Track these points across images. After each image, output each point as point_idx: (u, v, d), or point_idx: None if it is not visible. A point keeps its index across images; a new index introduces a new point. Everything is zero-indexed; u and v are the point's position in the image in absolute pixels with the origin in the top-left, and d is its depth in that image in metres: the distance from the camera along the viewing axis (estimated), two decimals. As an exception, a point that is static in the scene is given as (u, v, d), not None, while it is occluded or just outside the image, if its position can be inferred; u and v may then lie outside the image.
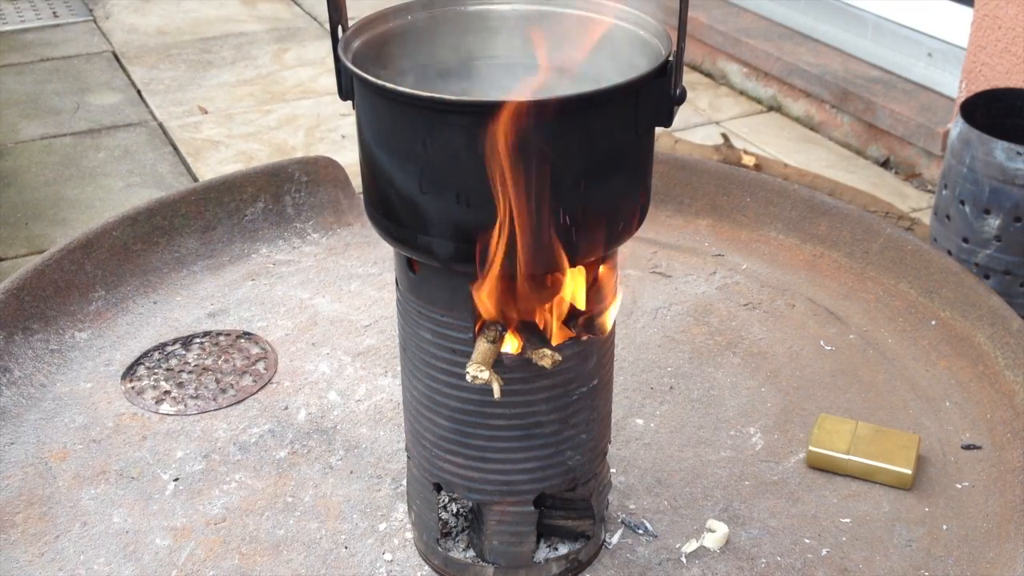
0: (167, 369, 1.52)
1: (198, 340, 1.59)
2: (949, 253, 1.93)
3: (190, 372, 1.52)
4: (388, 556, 1.23)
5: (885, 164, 2.74)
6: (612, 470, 1.35)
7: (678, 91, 0.97)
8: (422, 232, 0.97)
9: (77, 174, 2.81)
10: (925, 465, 1.36)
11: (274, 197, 1.85)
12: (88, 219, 2.63)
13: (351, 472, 1.36)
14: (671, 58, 0.96)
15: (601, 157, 0.95)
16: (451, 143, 0.92)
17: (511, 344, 1.02)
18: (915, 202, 2.58)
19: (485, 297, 1.00)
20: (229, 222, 1.81)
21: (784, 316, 1.67)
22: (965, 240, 1.91)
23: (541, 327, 1.02)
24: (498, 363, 1.02)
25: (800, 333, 1.63)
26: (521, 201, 0.93)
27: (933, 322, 1.60)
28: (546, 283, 1.00)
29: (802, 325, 1.65)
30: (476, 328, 1.03)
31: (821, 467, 1.36)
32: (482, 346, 1.00)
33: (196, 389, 1.48)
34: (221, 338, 1.59)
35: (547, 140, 0.92)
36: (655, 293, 1.72)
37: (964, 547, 1.24)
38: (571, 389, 1.08)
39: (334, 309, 1.68)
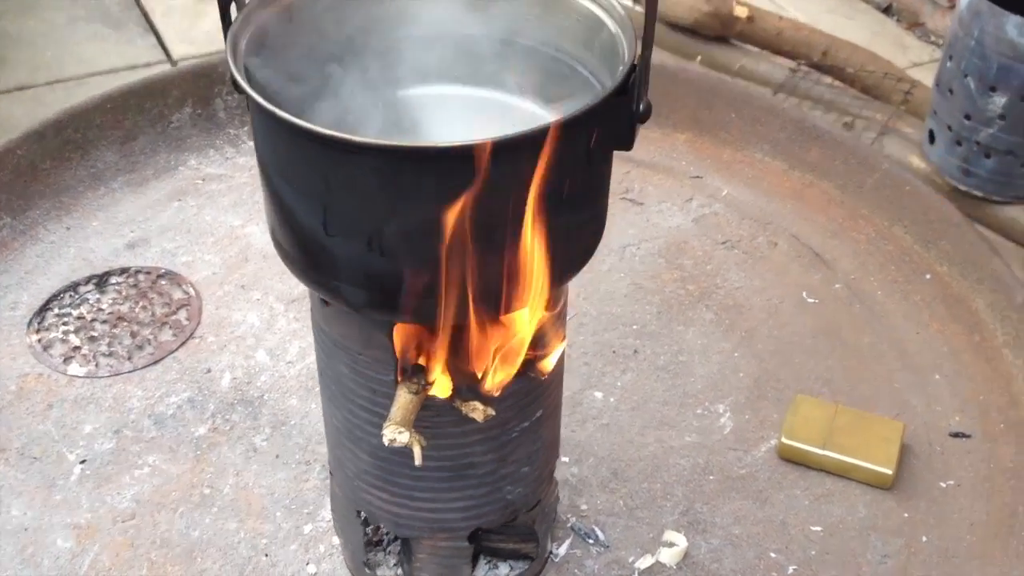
0: (78, 317, 1.37)
1: (115, 279, 1.43)
2: (949, 129, 1.80)
3: (103, 322, 1.37)
4: (312, 568, 1.12)
5: (887, 10, 2.52)
6: (564, 459, 1.22)
7: (642, 106, 0.79)
8: (331, 277, 0.81)
9: (16, 6, 2.56)
10: (908, 455, 1.24)
11: (203, 100, 1.65)
12: (30, 58, 2.40)
13: (276, 456, 1.23)
14: (635, 67, 0.78)
15: (545, 193, 0.78)
16: (360, 185, 0.75)
17: (440, 388, 0.87)
18: (916, 55, 2.37)
19: (407, 341, 0.85)
20: (152, 131, 1.62)
21: (765, 258, 1.52)
22: (967, 117, 1.77)
23: (474, 373, 0.87)
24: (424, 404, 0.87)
25: (781, 280, 1.49)
26: (451, 250, 0.77)
27: (928, 276, 1.46)
28: (484, 330, 0.85)
29: (784, 270, 1.50)
30: (397, 371, 0.88)
31: (794, 460, 1.24)
32: (403, 398, 0.85)
33: (109, 344, 1.33)
34: (141, 276, 1.44)
35: (480, 184, 0.74)
36: (624, 226, 1.55)
37: (944, 566, 1.13)
38: (509, 428, 0.94)
39: (268, 241, 1.51)
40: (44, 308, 1.39)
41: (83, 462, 1.22)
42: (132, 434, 1.25)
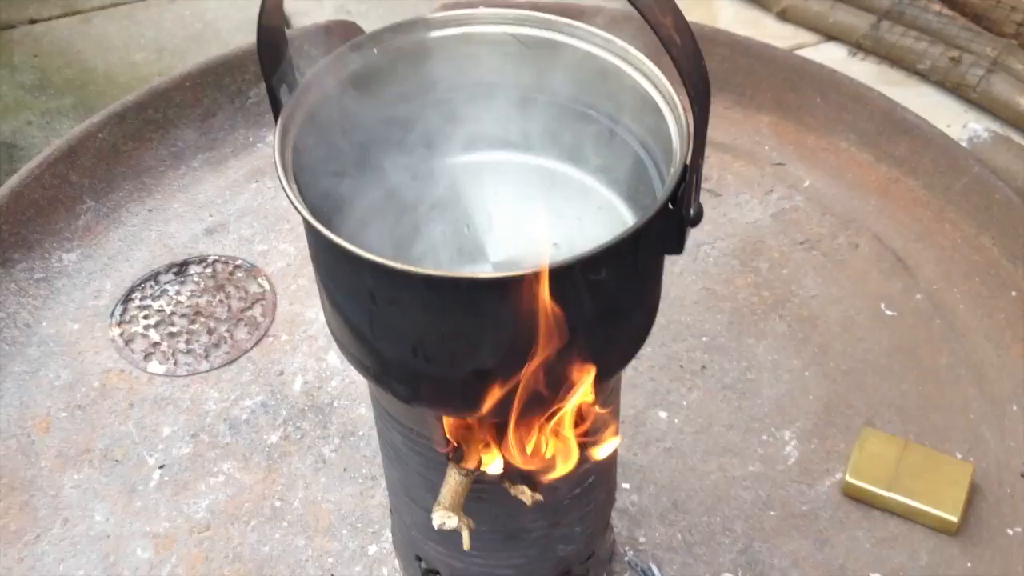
0: (158, 310, 1.41)
1: (194, 268, 1.46)
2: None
3: (182, 315, 1.40)
4: (375, 592, 1.16)
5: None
6: (625, 485, 1.24)
7: (693, 211, 0.77)
8: (379, 371, 0.82)
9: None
10: (976, 496, 1.23)
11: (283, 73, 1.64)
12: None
13: (344, 469, 1.26)
14: (686, 171, 0.76)
15: (589, 307, 0.77)
16: (403, 302, 0.75)
17: (492, 464, 0.89)
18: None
19: (457, 426, 0.86)
20: (231, 107, 1.63)
21: (845, 262, 1.49)
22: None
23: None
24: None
25: (860, 289, 1.45)
26: (496, 359, 0.77)
27: (1013, 293, 1.41)
28: (531, 427, 0.85)
29: (863, 276, 1.47)
30: (449, 449, 0.89)
31: (858, 498, 1.24)
32: (453, 479, 0.87)
33: (187, 342, 1.37)
34: (218, 267, 1.46)
35: (521, 306, 0.73)
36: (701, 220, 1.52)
37: (1000, 622, 1.13)
38: (560, 497, 0.96)
39: (342, 232, 1.52)
40: (126, 298, 1.43)
41: (162, 467, 1.27)
42: (208, 439, 1.29)
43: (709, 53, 1.59)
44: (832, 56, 3.10)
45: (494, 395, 0.78)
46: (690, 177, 0.75)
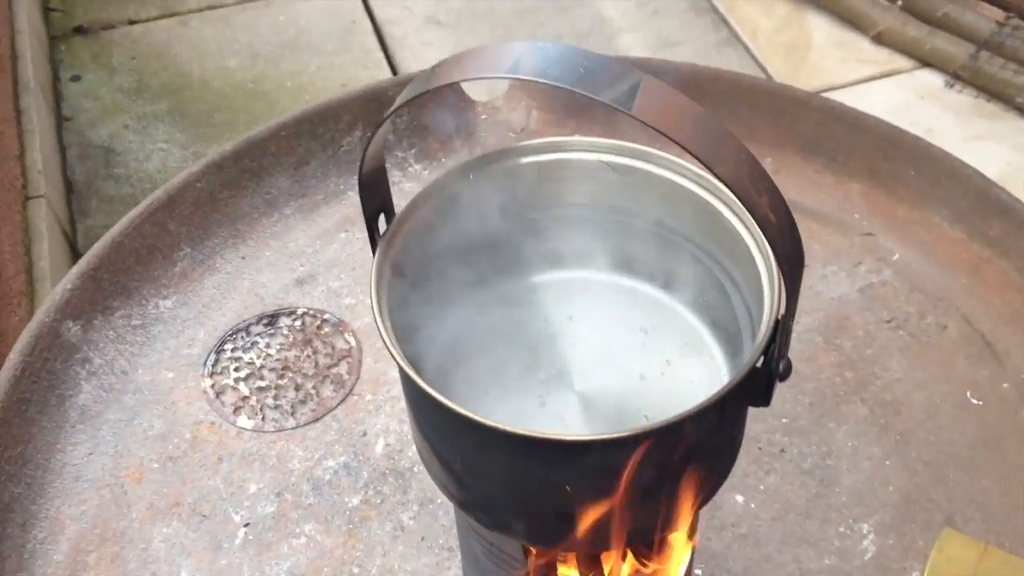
0: (248, 363, 1.45)
1: (283, 321, 1.49)
2: None
3: (271, 369, 1.44)
4: (447, 669, 1.19)
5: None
6: (698, 572, 1.25)
7: (783, 366, 0.78)
8: (464, 499, 0.84)
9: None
10: (1052, 605, 1.21)
11: (373, 124, 1.67)
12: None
13: (422, 539, 1.29)
14: (777, 327, 0.76)
15: (671, 459, 0.79)
16: (488, 452, 0.77)
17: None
18: None
19: (541, 554, 0.88)
20: (323, 155, 1.66)
21: (932, 344, 1.47)
22: None
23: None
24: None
25: (946, 374, 1.44)
26: (577, 509, 0.79)
27: (1105, 389, 1.38)
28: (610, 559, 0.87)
29: (950, 361, 1.45)
30: (530, 570, 0.91)
31: (931, 600, 1.23)
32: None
33: (275, 397, 1.41)
34: (307, 320, 1.50)
35: (605, 468, 0.75)
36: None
37: None
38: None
39: (429, 290, 1.55)
40: (218, 349, 1.47)
41: (247, 525, 1.31)
42: (292, 498, 1.33)
43: (801, 117, 1.59)
44: (928, 84, 3.05)
45: (577, 534, 0.80)
46: (780, 333, 0.76)
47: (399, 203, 0.88)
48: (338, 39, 3.32)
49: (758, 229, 0.80)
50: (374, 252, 0.82)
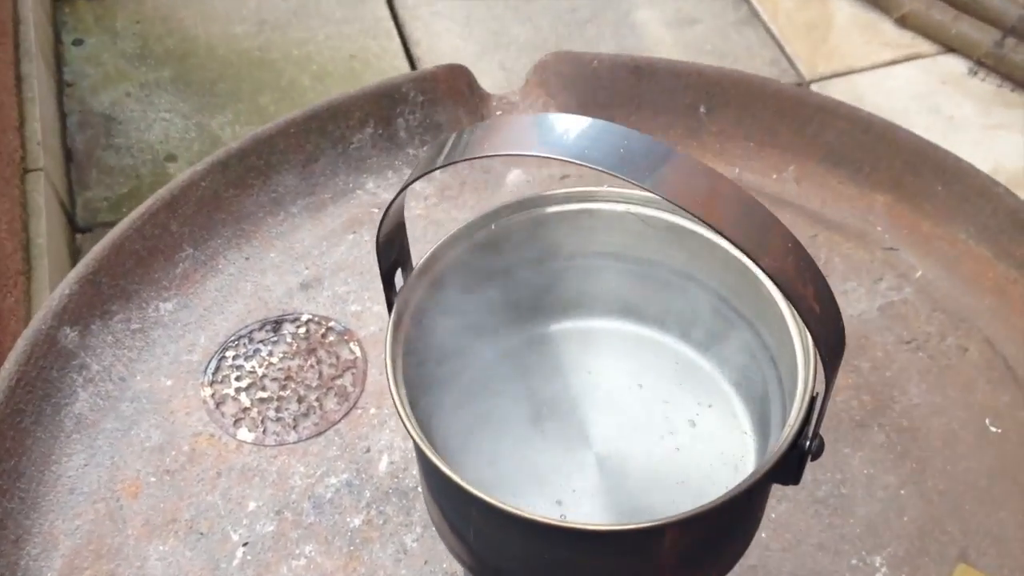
0: (250, 371, 1.41)
1: (287, 328, 1.45)
2: None
3: (273, 379, 1.41)
4: None
5: None
6: (708, 606, 1.22)
7: (815, 445, 0.74)
8: (477, 568, 0.81)
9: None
10: (1069, 650, 1.19)
11: (384, 121, 1.62)
12: None
13: (425, 562, 1.26)
14: (812, 405, 0.73)
15: (695, 537, 0.75)
16: (506, 531, 0.73)
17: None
18: None
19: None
20: (333, 152, 1.61)
21: (952, 368, 1.43)
22: None
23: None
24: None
25: (965, 400, 1.40)
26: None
27: None
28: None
29: (970, 386, 1.42)
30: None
31: (946, 641, 1.20)
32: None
33: (277, 410, 1.37)
34: (312, 327, 1.46)
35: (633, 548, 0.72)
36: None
37: None
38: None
39: (436, 298, 1.51)
40: (219, 355, 1.43)
41: (245, 544, 1.28)
42: (292, 517, 1.30)
43: (827, 125, 1.54)
44: (950, 70, 2.99)
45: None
46: (815, 412, 0.72)
47: (410, 204, 0.83)
48: (348, 6, 3.25)
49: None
50: (389, 310, 0.77)
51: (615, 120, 1.59)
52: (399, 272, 0.80)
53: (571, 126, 0.59)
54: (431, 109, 1.63)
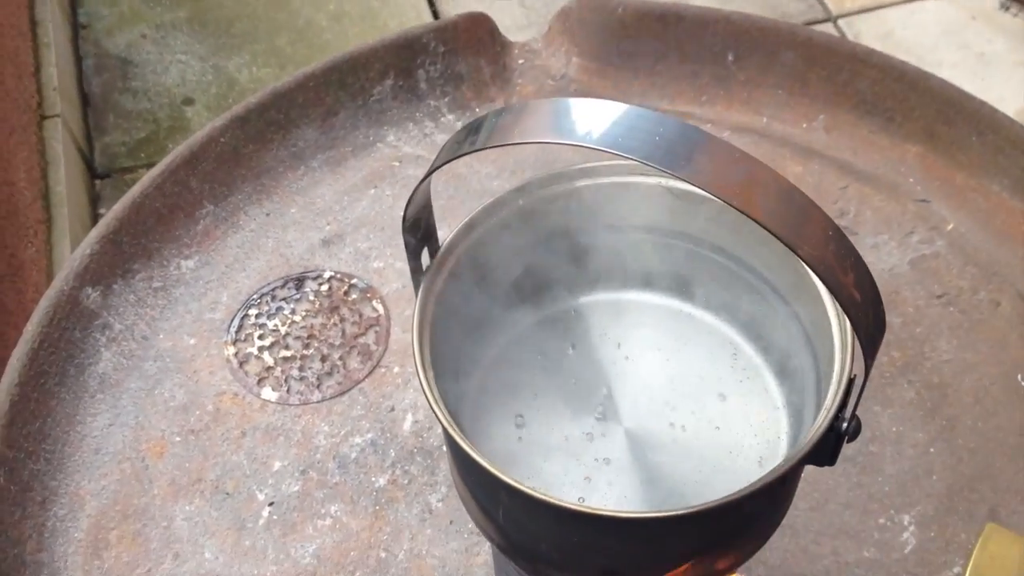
0: (273, 330, 1.40)
1: (309, 285, 1.44)
2: None
3: (296, 337, 1.40)
4: (476, 664, 1.17)
5: None
6: (734, 566, 1.21)
7: (852, 426, 0.73)
8: (507, 548, 0.80)
9: None
10: (1100, 610, 1.18)
11: (405, 72, 1.59)
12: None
13: (451, 522, 1.26)
14: (850, 386, 0.71)
15: (727, 521, 0.74)
16: (532, 514, 0.73)
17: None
18: None
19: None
20: (353, 105, 1.58)
21: (984, 322, 1.41)
22: None
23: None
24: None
25: (997, 356, 1.38)
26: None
27: None
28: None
29: (1002, 341, 1.40)
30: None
31: (975, 601, 1.20)
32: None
33: (300, 369, 1.37)
34: (334, 284, 1.45)
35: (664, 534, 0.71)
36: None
37: None
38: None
39: (460, 253, 1.49)
40: (242, 313, 1.42)
41: (271, 504, 1.28)
42: (317, 477, 1.30)
43: (859, 74, 1.51)
44: (981, 4, 2.92)
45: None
46: (852, 393, 0.70)
47: (431, 156, 0.80)
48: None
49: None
50: (416, 291, 0.76)
51: (640, 70, 1.56)
52: (425, 250, 0.79)
53: (603, 112, 0.57)
54: (452, 59, 1.60)
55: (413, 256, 0.75)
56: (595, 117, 0.57)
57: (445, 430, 0.70)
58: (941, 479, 1.28)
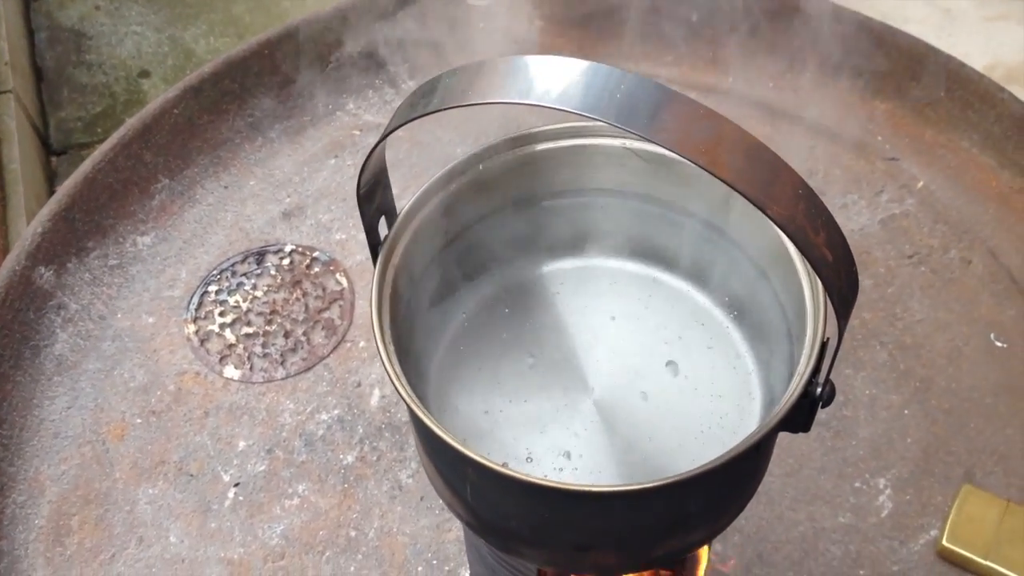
0: (234, 306, 1.37)
1: (270, 260, 1.41)
2: None
3: (258, 313, 1.36)
4: (450, 640, 1.15)
5: None
6: (710, 534, 1.20)
7: (826, 391, 0.71)
8: (473, 522, 0.78)
9: None
10: (1076, 567, 1.18)
11: (363, 38, 1.55)
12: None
13: (421, 499, 1.24)
14: (824, 348, 0.69)
15: (700, 492, 0.72)
16: (505, 493, 0.70)
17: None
18: None
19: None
20: (309, 73, 1.54)
21: (955, 281, 1.40)
22: None
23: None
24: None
25: (969, 314, 1.37)
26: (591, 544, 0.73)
27: None
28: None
29: (974, 300, 1.38)
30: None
31: (953, 562, 1.19)
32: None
33: (263, 345, 1.33)
34: (296, 257, 1.41)
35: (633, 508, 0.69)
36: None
37: None
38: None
39: (424, 223, 1.46)
40: (202, 289, 1.38)
41: (236, 485, 1.25)
42: (284, 455, 1.27)
43: (827, 31, 1.48)
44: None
45: (596, 561, 0.74)
46: (826, 357, 0.68)
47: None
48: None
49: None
50: (375, 263, 0.73)
51: (604, 31, 1.52)
52: (383, 220, 0.76)
53: (561, 70, 0.54)
54: (410, 24, 1.56)
55: (369, 227, 0.72)
56: (552, 75, 0.54)
57: (409, 407, 0.67)
58: (916, 442, 1.27)
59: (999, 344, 1.34)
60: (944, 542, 1.18)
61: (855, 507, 1.22)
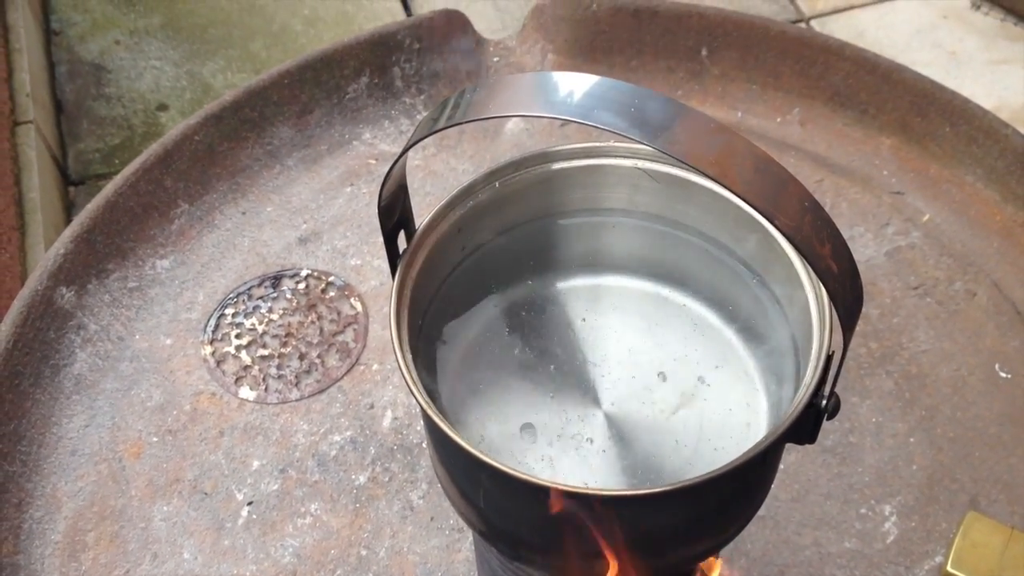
0: (250, 329, 1.39)
1: (287, 284, 1.43)
2: None
3: (273, 336, 1.39)
4: (459, 658, 1.16)
5: None
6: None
7: (831, 403, 0.73)
8: (487, 533, 0.80)
9: None
10: (1080, 595, 1.19)
11: (380, 70, 1.59)
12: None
13: (432, 519, 1.25)
14: (828, 364, 0.71)
15: (708, 501, 0.74)
16: (517, 497, 0.72)
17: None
18: None
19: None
20: (328, 103, 1.58)
21: (960, 312, 1.42)
22: None
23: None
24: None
25: (974, 345, 1.39)
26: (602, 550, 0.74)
27: None
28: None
29: (979, 331, 1.40)
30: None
31: (956, 588, 1.20)
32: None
33: (278, 366, 1.36)
34: (311, 282, 1.44)
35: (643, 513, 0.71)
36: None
37: None
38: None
39: (437, 250, 1.48)
40: (218, 313, 1.41)
41: (250, 503, 1.27)
42: (296, 475, 1.29)
43: (833, 67, 1.51)
44: (952, 4, 2.93)
45: (608, 571, 0.76)
46: (831, 370, 0.70)
47: (408, 154, 0.80)
48: (340, -48, 3.17)
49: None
50: (393, 273, 0.75)
51: (616, 65, 1.56)
52: (402, 233, 0.78)
53: (577, 84, 0.57)
54: (427, 57, 1.60)
55: (389, 240, 0.75)
56: (569, 89, 0.56)
57: (424, 412, 0.69)
58: (922, 469, 1.28)
59: (1003, 374, 1.36)
60: (949, 568, 1.19)
61: (861, 533, 1.24)
